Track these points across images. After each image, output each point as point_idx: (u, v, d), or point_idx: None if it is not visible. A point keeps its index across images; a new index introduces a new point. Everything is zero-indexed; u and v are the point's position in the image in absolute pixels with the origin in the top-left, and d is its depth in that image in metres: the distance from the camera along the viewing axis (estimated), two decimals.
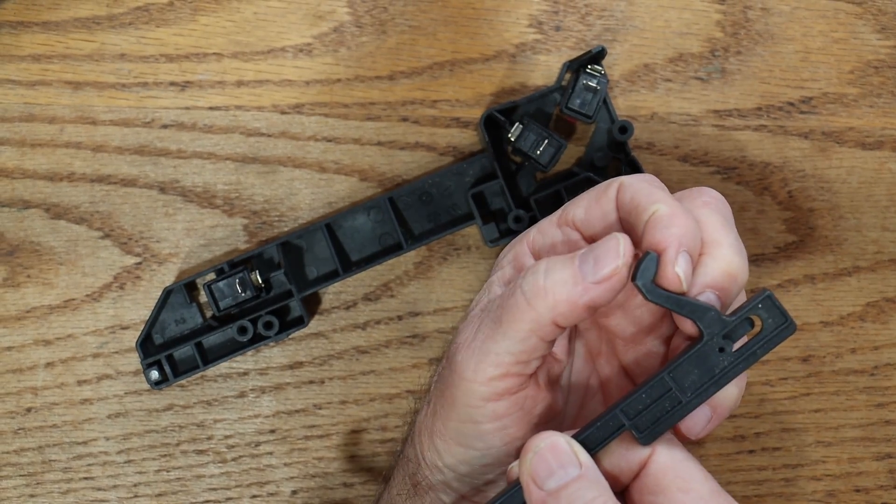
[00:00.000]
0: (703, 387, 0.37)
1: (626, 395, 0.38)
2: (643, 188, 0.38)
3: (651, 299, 0.36)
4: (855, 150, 0.51)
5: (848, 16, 0.50)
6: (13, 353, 0.49)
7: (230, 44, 0.49)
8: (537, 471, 0.36)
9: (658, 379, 0.37)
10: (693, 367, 0.37)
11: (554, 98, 0.48)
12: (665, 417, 0.37)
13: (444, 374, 0.40)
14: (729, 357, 0.37)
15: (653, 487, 0.37)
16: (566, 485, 0.36)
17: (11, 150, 0.49)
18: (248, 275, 0.47)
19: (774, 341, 0.37)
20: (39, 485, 0.49)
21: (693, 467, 0.38)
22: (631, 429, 0.37)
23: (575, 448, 0.37)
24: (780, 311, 0.38)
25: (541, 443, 0.37)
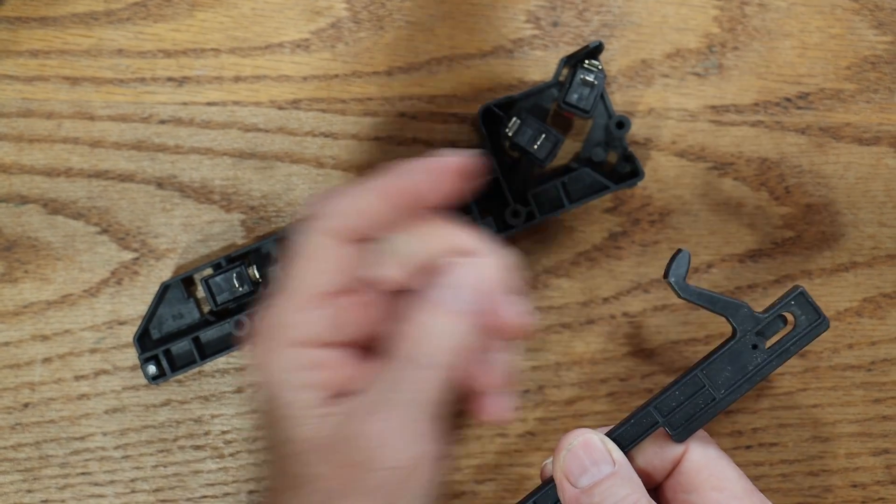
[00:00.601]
0: (737, 384, 0.37)
1: (659, 392, 0.38)
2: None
3: (683, 297, 0.37)
4: (852, 146, 0.51)
5: (845, 11, 0.51)
6: (10, 348, 0.49)
7: (227, 39, 0.49)
8: (571, 468, 0.36)
9: (691, 376, 0.37)
10: (726, 364, 0.37)
11: (551, 93, 0.48)
12: (699, 415, 0.37)
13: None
14: (762, 354, 0.37)
15: (686, 485, 0.37)
16: (599, 482, 0.36)
17: (9, 145, 0.49)
18: (246, 270, 0.47)
19: (808, 338, 0.38)
20: (37, 480, 0.49)
21: (727, 466, 0.38)
22: (665, 426, 0.37)
23: (608, 446, 0.37)
24: (812, 307, 0.38)
25: (574, 440, 0.37)
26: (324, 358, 0.35)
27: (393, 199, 0.35)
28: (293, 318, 0.35)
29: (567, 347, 0.50)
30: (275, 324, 0.35)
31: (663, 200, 0.50)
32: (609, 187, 0.47)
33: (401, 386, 0.35)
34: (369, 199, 0.35)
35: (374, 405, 0.35)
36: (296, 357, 0.35)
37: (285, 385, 0.35)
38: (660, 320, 0.50)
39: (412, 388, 0.35)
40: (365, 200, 0.35)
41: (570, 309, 0.50)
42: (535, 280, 0.50)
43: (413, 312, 0.35)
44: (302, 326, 0.35)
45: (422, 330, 0.35)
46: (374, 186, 0.35)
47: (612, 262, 0.50)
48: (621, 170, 0.48)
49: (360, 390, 0.35)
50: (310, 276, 0.35)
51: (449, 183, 0.36)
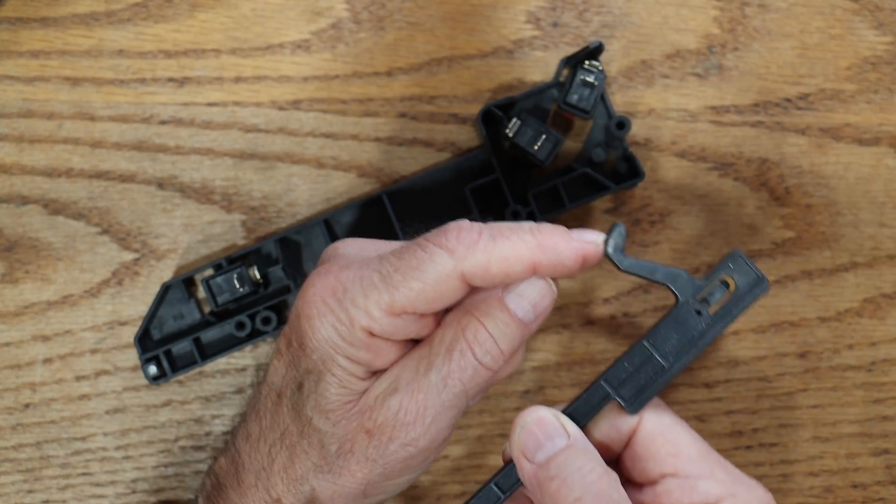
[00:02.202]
0: (684, 350, 0.38)
1: (609, 366, 0.38)
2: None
3: (623, 269, 0.37)
4: (852, 147, 0.51)
5: (845, 12, 0.51)
6: (11, 348, 0.49)
7: (228, 40, 0.49)
8: (526, 444, 0.37)
9: (638, 346, 0.38)
10: (672, 331, 0.38)
11: (552, 94, 0.48)
12: (650, 384, 0.38)
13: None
14: (706, 319, 0.38)
15: (643, 454, 0.38)
16: (555, 455, 0.36)
17: (10, 145, 0.49)
18: (246, 270, 0.47)
19: (749, 300, 0.38)
20: (38, 480, 0.49)
21: (682, 431, 0.38)
22: (616, 398, 0.38)
23: (562, 420, 0.37)
24: (750, 268, 0.38)
25: (528, 418, 0.37)
26: (381, 346, 0.37)
27: (533, 270, 0.37)
28: (380, 315, 0.36)
29: (567, 347, 0.50)
30: (360, 305, 0.36)
31: (663, 201, 0.50)
32: (609, 188, 0.47)
33: (444, 374, 0.37)
34: (516, 265, 0.36)
35: (409, 384, 0.37)
36: (362, 340, 0.37)
37: (341, 351, 0.37)
38: None
39: (458, 378, 0.37)
40: (512, 263, 0.36)
41: (570, 309, 0.50)
42: None
43: (475, 309, 0.38)
44: (384, 325, 0.37)
45: (484, 328, 0.37)
46: (525, 251, 0.36)
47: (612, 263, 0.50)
48: (621, 170, 0.48)
49: (398, 368, 0.38)
50: (420, 296, 0.36)
51: (576, 269, 0.37)
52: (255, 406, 0.40)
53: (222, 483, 0.40)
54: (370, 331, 0.37)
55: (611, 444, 0.39)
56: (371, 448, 0.37)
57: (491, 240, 0.36)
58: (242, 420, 0.41)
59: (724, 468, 0.38)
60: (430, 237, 0.37)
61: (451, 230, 0.37)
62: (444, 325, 0.38)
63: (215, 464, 0.42)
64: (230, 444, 0.41)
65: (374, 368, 0.38)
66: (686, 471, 0.37)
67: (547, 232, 0.37)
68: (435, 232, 0.37)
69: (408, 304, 0.36)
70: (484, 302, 0.38)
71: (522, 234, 0.36)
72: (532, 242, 0.36)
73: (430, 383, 0.37)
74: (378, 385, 0.38)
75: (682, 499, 0.37)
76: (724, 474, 0.37)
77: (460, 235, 0.36)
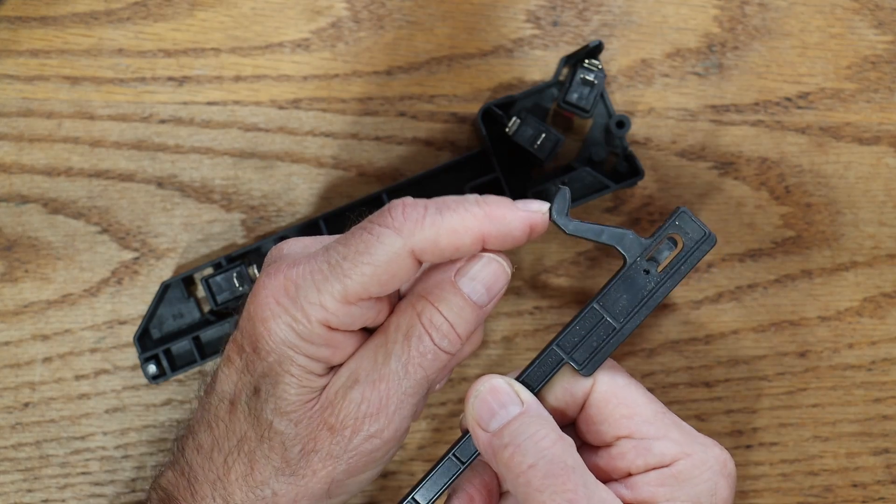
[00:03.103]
0: (634, 310, 0.38)
1: (561, 330, 0.38)
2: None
3: (570, 232, 0.37)
4: (852, 146, 0.51)
5: (845, 11, 0.51)
6: (11, 348, 0.49)
7: (228, 39, 0.49)
8: (480, 413, 0.37)
9: (589, 309, 0.38)
10: (621, 292, 0.38)
11: (551, 93, 0.48)
12: (602, 346, 0.38)
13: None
14: (655, 278, 0.38)
15: (597, 416, 0.38)
16: (508, 423, 0.36)
17: (9, 144, 0.49)
18: (246, 269, 0.47)
19: (696, 256, 0.38)
20: (37, 480, 0.49)
21: (636, 391, 0.38)
22: (570, 362, 0.38)
23: (515, 387, 0.37)
24: (696, 224, 0.38)
25: (481, 387, 0.37)
26: (339, 340, 0.37)
27: (482, 241, 0.37)
28: (336, 307, 0.36)
29: None
30: (314, 300, 0.36)
31: (663, 200, 0.50)
32: (609, 187, 0.47)
33: (404, 361, 0.37)
34: (465, 236, 0.36)
35: (369, 374, 0.37)
36: (320, 335, 0.36)
37: (299, 350, 0.37)
38: (660, 320, 0.50)
39: (418, 364, 0.37)
40: (461, 235, 0.36)
41: (570, 309, 0.50)
42: (535, 280, 0.50)
43: (428, 294, 0.37)
44: (341, 316, 0.36)
45: (440, 312, 0.37)
46: (473, 222, 0.36)
47: (612, 262, 0.50)
48: (621, 169, 0.48)
49: (356, 360, 0.38)
50: (373, 280, 0.36)
51: (524, 238, 0.37)
52: (205, 417, 0.39)
53: (173, 496, 0.40)
54: (328, 324, 0.36)
55: (566, 409, 0.38)
56: (334, 444, 0.37)
57: (437, 213, 0.36)
58: (189, 432, 0.40)
59: (679, 428, 0.37)
60: (374, 218, 0.37)
61: (395, 207, 0.36)
62: (397, 312, 0.38)
63: (161, 478, 0.41)
64: (178, 457, 0.40)
65: (332, 363, 0.38)
66: (640, 432, 0.37)
67: (493, 203, 0.36)
68: (378, 212, 0.37)
69: (362, 290, 0.36)
70: (437, 287, 0.37)
71: (469, 205, 0.36)
72: (479, 213, 0.36)
73: (390, 372, 0.37)
74: (337, 379, 0.38)
75: (636, 460, 0.37)
76: (679, 434, 0.37)
77: (406, 212, 0.36)
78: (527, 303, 0.50)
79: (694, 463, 0.37)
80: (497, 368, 0.50)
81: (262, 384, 0.38)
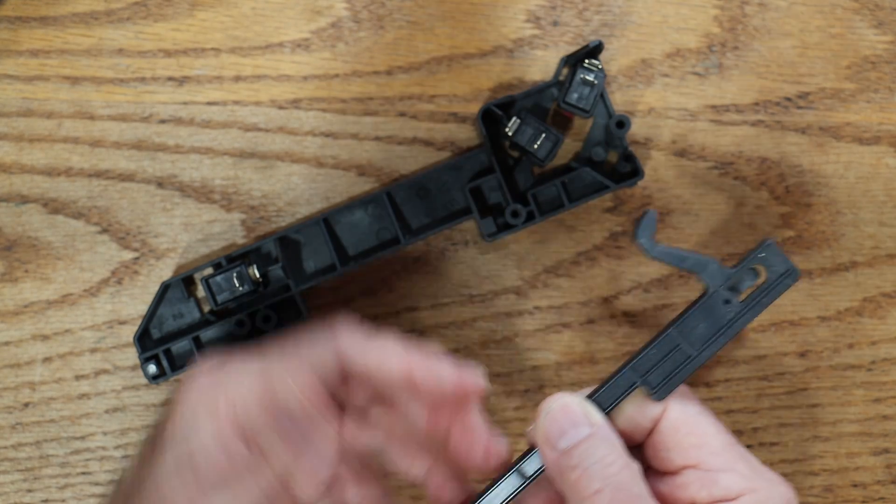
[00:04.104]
0: (712, 339, 0.38)
1: (636, 353, 0.38)
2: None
3: (653, 255, 0.37)
4: (852, 146, 0.51)
5: (845, 11, 0.51)
6: (11, 348, 0.49)
7: (228, 39, 0.49)
8: (550, 431, 0.37)
9: (666, 335, 0.38)
10: (700, 320, 0.38)
11: (551, 93, 0.48)
12: (676, 372, 0.38)
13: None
14: (735, 307, 0.38)
15: (665, 443, 0.38)
16: (578, 444, 0.36)
17: (9, 144, 0.49)
18: (246, 269, 0.47)
19: (779, 289, 0.38)
20: (37, 480, 0.49)
21: (706, 422, 0.38)
22: (643, 385, 0.38)
23: (586, 408, 0.37)
24: (782, 258, 0.38)
25: (553, 404, 0.37)
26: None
27: (410, 379, 0.37)
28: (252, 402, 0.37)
29: (567, 347, 0.50)
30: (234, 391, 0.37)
31: (663, 200, 0.50)
32: (609, 187, 0.47)
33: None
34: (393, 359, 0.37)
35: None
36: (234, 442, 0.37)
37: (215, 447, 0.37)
38: (660, 320, 0.50)
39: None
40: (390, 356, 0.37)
41: (570, 309, 0.50)
42: (535, 280, 0.50)
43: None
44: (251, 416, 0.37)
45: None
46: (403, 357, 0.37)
47: (612, 262, 0.50)
48: (621, 169, 0.48)
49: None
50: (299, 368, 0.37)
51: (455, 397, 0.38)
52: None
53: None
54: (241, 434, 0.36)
55: (634, 432, 0.38)
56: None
57: (372, 334, 0.38)
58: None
59: (746, 462, 0.37)
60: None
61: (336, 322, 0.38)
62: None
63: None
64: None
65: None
66: (708, 463, 0.37)
67: (424, 350, 0.38)
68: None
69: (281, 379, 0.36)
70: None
71: (396, 343, 0.38)
72: (406, 354, 0.37)
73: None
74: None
75: (700, 491, 0.37)
76: (746, 468, 0.37)
77: (344, 323, 0.37)
78: (527, 303, 0.50)
79: (759, 499, 0.36)
80: (497, 368, 0.50)
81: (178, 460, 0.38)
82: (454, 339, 0.50)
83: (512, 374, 0.50)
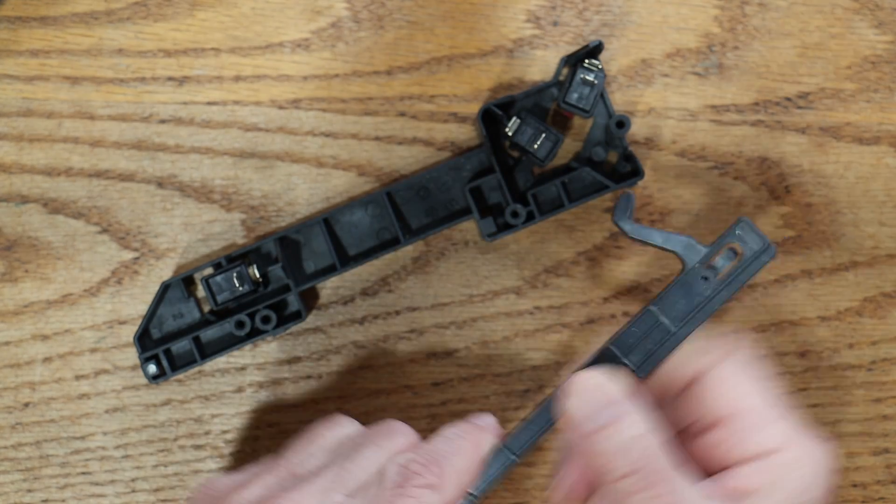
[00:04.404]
0: (691, 315, 0.38)
1: (618, 331, 0.38)
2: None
3: (632, 236, 0.38)
4: (852, 146, 0.51)
5: (845, 11, 0.51)
6: (10, 347, 0.49)
7: (228, 39, 0.49)
8: (576, 412, 0.36)
9: (646, 312, 0.38)
10: (679, 297, 0.39)
11: (551, 93, 0.48)
12: (657, 349, 0.38)
13: None
14: (713, 284, 0.38)
15: (700, 398, 0.37)
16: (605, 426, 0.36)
17: (9, 144, 0.49)
18: (246, 269, 0.47)
19: (755, 266, 0.38)
20: (37, 480, 0.49)
21: (746, 377, 0.37)
22: (625, 362, 0.38)
23: (612, 387, 0.36)
24: (757, 235, 0.39)
25: (578, 384, 0.37)
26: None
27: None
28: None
29: (567, 347, 0.50)
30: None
31: (663, 200, 0.50)
32: (609, 187, 0.47)
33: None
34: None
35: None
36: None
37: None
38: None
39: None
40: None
41: (570, 309, 0.50)
42: (535, 280, 0.50)
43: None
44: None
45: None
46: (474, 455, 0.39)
47: (612, 262, 0.50)
48: (621, 169, 0.48)
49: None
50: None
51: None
52: None
53: None
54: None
55: (668, 386, 0.38)
56: None
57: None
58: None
59: (785, 420, 0.37)
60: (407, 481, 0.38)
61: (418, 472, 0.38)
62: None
63: None
64: None
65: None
66: (744, 420, 0.36)
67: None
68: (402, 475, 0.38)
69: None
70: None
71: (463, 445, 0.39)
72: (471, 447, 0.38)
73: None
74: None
75: (735, 449, 0.36)
76: (783, 426, 0.36)
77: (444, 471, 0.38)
78: (527, 303, 0.50)
79: (794, 456, 0.36)
80: (497, 368, 0.50)
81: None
82: (454, 339, 0.50)
83: (512, 374, 0.50)
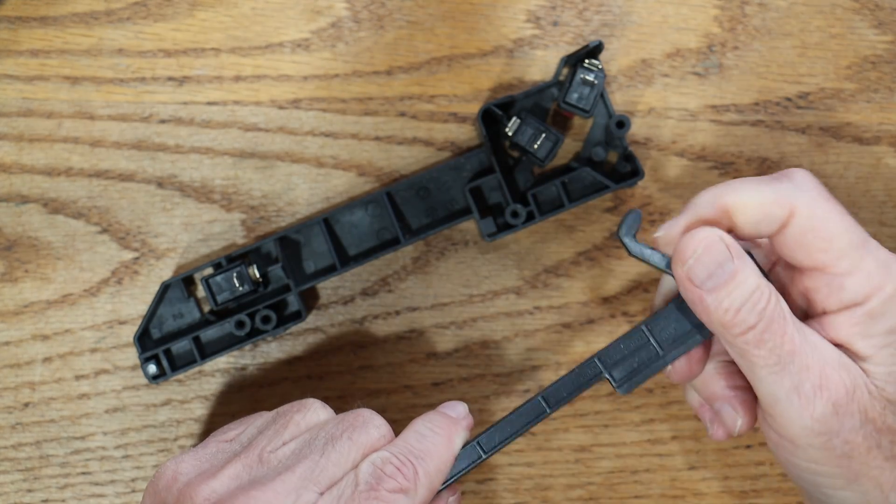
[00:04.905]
0: (680, 340, 0.38)
1: (607, 345, 0.38)
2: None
3: (632, 254, 0.38)
4: (852, 146, 0.51)
5: (845, 11, 0.51)
6: (11, 347, 0.49)
7: (228, 39, 0.49)
8: (696, 271, 0.36)
9: (636, 330, 0.38)
10: (671, 320, 0.39)
11: (551, 93, 0.48)
12: (641, 369, 0.38)
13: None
14: None
15: (793, 243, 0.37)
16: (726, 282, 0.36)
17: (9, 144, 0.49)
18: (246, 269, 0.47)
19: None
20: (37, 480, 0.49)
21: (834, 219, 0.37)
22: (608, 377, 0.39)
23: (729, 244, 0.37)
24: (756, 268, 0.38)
25: (697, 244, 0.37)
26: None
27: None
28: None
29: (567, 347, 0.50)
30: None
31: (663, 200, 0.50)
32: (609, 187, 0.47)
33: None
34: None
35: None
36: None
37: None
38: None
39: None
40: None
41: (570, 309, 0.50)
42: (535, 280, 0.50)
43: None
44: None
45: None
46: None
47: (612, 262, 0.50)
48: (621, 169, 0.48)
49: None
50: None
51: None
52: None
53: None
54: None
55: (761, 225, 0.38)
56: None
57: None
58: None
59: (874, 258, 0.37)
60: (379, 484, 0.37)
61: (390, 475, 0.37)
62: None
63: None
64: None
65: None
66: (834, 266, 0.37)
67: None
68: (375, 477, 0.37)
69: None
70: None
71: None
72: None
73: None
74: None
75: (829, 298, 0.37)
76: (874, 265, 0.36)
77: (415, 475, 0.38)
78: (527, 303, 0.50)
79: (889, 295, 0.36)
80: (497, 368, 0.50)
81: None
82: (454, 339, 0.50)
83: (512, 374, 0.50)
